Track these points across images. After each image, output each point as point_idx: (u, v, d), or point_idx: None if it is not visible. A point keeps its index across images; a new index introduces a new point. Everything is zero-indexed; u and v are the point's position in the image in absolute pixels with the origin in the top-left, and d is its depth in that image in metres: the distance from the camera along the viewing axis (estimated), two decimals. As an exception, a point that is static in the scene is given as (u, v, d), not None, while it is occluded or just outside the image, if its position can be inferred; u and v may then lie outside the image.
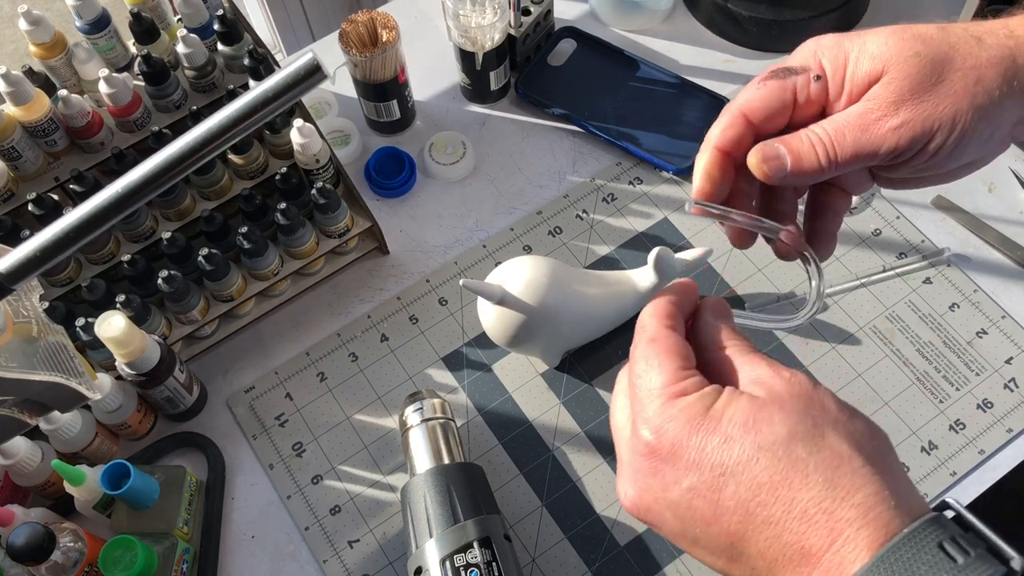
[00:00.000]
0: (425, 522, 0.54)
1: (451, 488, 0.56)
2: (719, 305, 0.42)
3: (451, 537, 0.53)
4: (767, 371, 0.37)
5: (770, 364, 0.37)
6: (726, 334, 0.40)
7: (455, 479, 0.56)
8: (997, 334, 0.67)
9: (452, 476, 0.56)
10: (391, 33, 0.72)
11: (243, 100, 0.30)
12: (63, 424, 0.59)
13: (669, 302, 0.41)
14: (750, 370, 0.38)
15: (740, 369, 0.38)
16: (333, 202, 0.66)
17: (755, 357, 0.38)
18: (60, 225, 0.31)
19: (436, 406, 0.60)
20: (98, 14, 0.68)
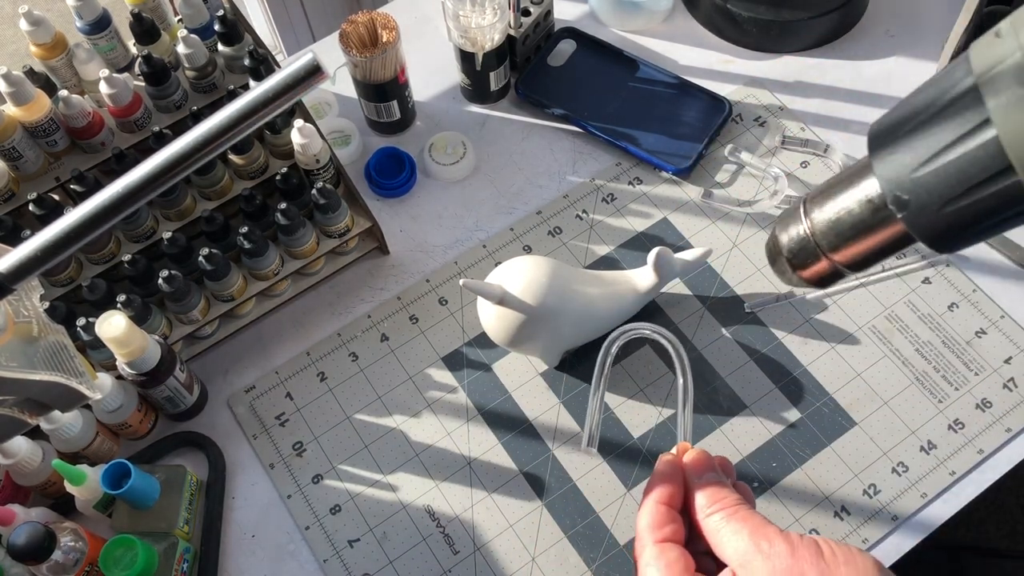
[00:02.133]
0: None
1: None
2: (698, 464, 0.45)
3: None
4: (747, 544, 0.40)
5: (752, 531, 0.40)
6: (709, 495, 0.43)
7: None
8: (996, 334, 0.67)
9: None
10: (391, 33, 0.72)
11: (243, 100, 0.30)
12: (64, 424, 0.59)
13: (658, 506, 0.44)
14: (734, 542, 0.40)
15: (726, 541, 0.41)
16: (333, 202, 0.66)
17: (739, 522, 0.41)
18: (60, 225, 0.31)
19: None
20: (99, 15, 0.68)
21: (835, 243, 0.35)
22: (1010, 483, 0.64)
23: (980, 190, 0.28)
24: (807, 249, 0.37)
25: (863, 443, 0.64)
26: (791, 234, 0.37)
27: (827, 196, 0.35)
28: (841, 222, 0.34)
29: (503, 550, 0.62)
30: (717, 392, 0.66)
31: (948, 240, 0.31)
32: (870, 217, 0.33)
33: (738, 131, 0.78)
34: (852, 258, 0.35)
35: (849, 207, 0.34)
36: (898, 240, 0.33)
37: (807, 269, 0.38)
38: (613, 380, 0.67)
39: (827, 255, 0.36)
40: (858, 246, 0.35)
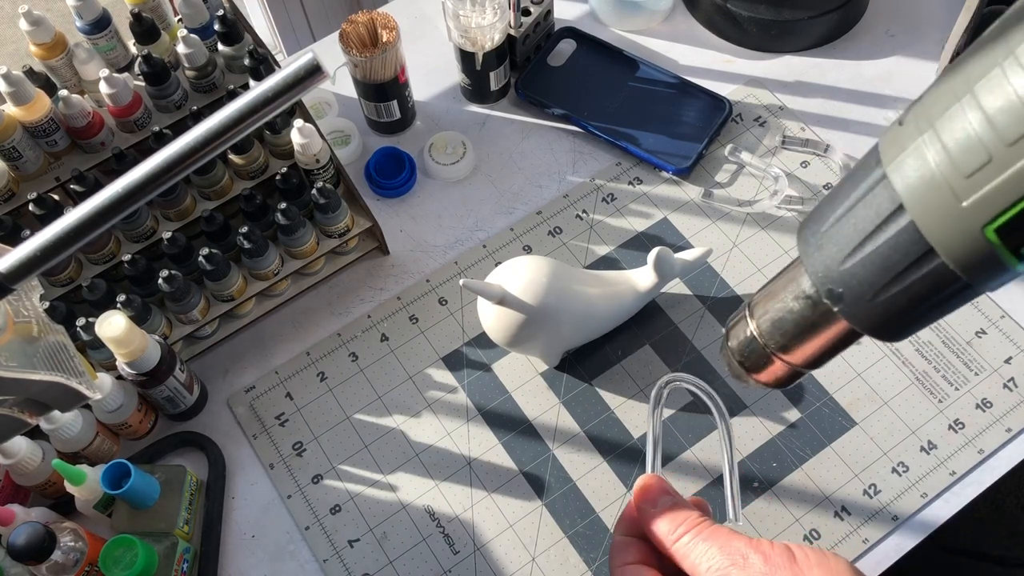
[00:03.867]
0: None
1: None
2: (649, 491, 0.44)
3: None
4: (721, 560, 0.39)
5: (722, 547, 0.40)
6: (669, 520, 0.42)
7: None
8: (996, 334, 0.67)
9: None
10: (391, 33, 0.72)
11: (243, 100, 0.30)
12: (63, 424, 0.59)
13: (618, 538, 0.44)
14: (707, 560, 0.40)
15: (699, 561, 0.40)
16: (333, 202, 0.66)
17: (706, 541, 0.41)
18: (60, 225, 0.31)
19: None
20: (98, 14, 0.68)
21: (783, 343, 0.35)
22: (1010, 483, 0.64)
23: (908, 275, 0.28)
24: (757, 352, 0.37)
25: (863, 443, 0.64)
26: (739, 337, 0.37)
27: (768, 297, 0.35)
28: (784, 321, 0.34)
29: (503, 550, 0.62)
30: (717, 392, 0.66)
31: (891, 329, 0.31)
32: (811, 313, 0.33)
33: (738, 131, 0.78)
34: (804, 358, 0.35)
35: (789, 305, 0.34)
36: (844, 335, 0.33)
37: (762, 372, 0.37)
38: (613, 379, 0.67)
39: (778, 356, 0.36)
40: (806, 344, 0.35)
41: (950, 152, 0.25)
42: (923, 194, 0.27)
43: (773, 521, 0.61)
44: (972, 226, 0.25)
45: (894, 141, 0.28)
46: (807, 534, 0.61)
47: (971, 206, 0.25)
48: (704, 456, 0.64)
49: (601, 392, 0.67)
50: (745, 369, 0.38)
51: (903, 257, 0.28)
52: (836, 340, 0.34)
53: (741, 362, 0.38)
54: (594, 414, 0.66)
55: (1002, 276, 0.27)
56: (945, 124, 0.26)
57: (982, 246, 0.26)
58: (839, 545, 0.60)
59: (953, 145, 0.25)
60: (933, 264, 0.27)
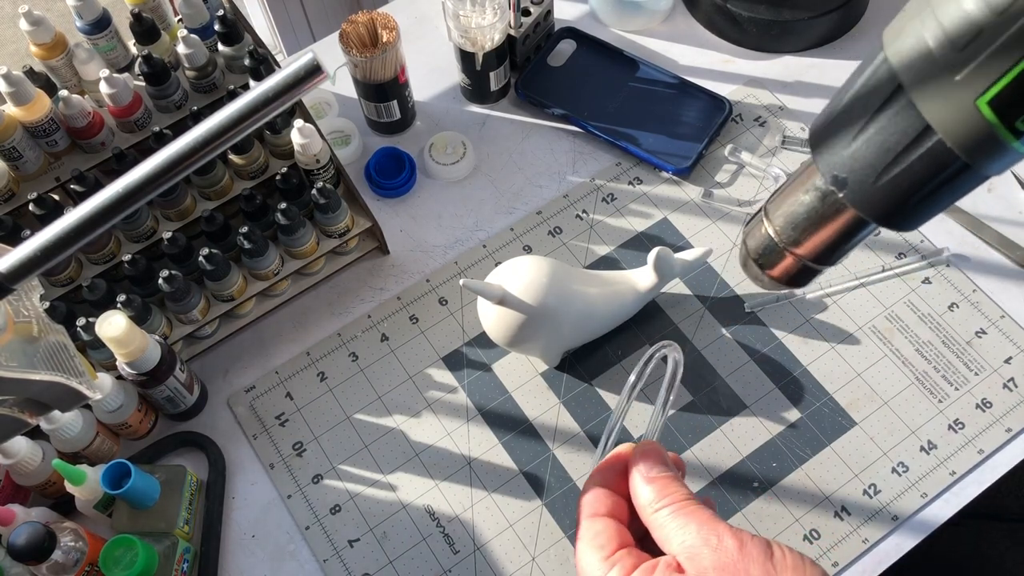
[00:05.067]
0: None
1: None
2: (648, 455, 0.43)
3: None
4: (695, 538, 0.38)
5: (700, 526, 0.39)
6: (658, 490, 0.41)
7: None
8: (996, 334, 0.67)
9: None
10: (391, 33, 0.72)
11: (243, 100, 0.30)
12: (64, 424, 0.59)
13: (595, 488, 0.43)
14: (681, 535, 0.39)
15: (673, 535, 0.39)
16: (333, 202, 0.66)
17: (686, 517, 0.40)
18: (61, 225, 0.31)
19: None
20: (99, 14, 0.68)
21: (795, 237, 0.36)
22: (1010, 483, 0.64)
23: (908, 154, 0.29)
24: (772, 249, 0.38)
25: (863, 443, 0.64)
26: (756, 237, 0.38)
27: (783, 196, 0.37)
28: (796, 215, 0.36)
29: (503, 550, 0.62)
30: (717, 392, 0.66)
31: (896, 214, 0.31)
32: (820, 204, 0.34)
33: (738, 131, 0.78)
34: (814, 250, 0.36)
35: (800, 199, 0.35)
36: (851, 224, 0.34)
37: (775, 268, 0.38)
38: (613, 379, 0.67)
39: (791, 251, 0.37)
40: (816, 236, 0.36)
41: (945, 28, 0.26)
42: (919, 70, 0.27)
43: (773, 521, 0.61)
44: (966, 100, 0.26)
45: (895, 28, 0.28)
46: (807, 534, 0.61)
47: (964, 79, 0.26)
48: (704, 456, 0.64)
49: (601, 392, 0.67)
50: (761, 268, 0.39)
51: (902, 136, 0.29)
52: (845, 229, 0.34)
53: (757, 261, 0.39)
54: (594, 414, 0.66)
55: (1002, 156, 0.27)
56: (941, 4, 0.26)
57: (977, 121, 0.26)
58: (839, 545, 0.60)
59: (948, 21, 0.26)
60: (931, 142, 0.28)
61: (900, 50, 0.28)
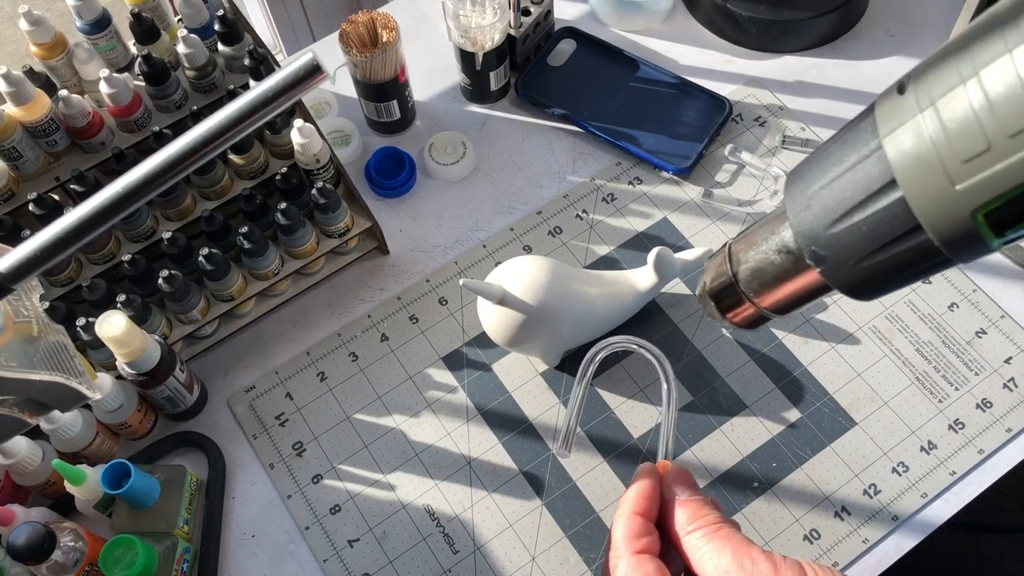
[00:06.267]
0: None
1: None
2: (680, 479, 0.44)
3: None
4: (730, 562, 0.39)
5: (735, 552, 0.39)
6: (691, 513, 0.42)
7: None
8: (996, 334, 0.67)
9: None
10: (391, 33, 0.72)
11: (243, 100, 0.30)
12: (63, 424, 0.59)
13: (635, 516, 0.43)
14: (716, 558, 0.40)
15: (707, 558, 0.40)
16: (333, 202, 0.66)
17: (721, 540, 0.40)
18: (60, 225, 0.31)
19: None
20: (98, 14, 0.68)
21: (758, 290, 0.37)
22: (1010, 483, 0.64)
23: (893, 247, 0.29)
24: (733, 294, 0.38)
25: (863, 443, 0.64)
26: (717, 278, 0.39)
27: (750, 244, 0.36)
28: (764, 272, 0.36)
29: (503, 550, 0.62)
30: (717, 392, 0.66)
31: (866, 291, 0.31)
32: (791, 267, 0.34)
33: (738, 131, 0.78)
34: (775, 304, 0.37)
35: (771, 259, 0.35)
36: (819, 288, 0.34)
37: (734, 313, 0.39)
38: (613, 380, 0.67)
39: (752, 301, 0.37)
40: (780, 293, 0.36)
41: (949, 134, 0.25)
42: (917, 172, 0.27)
43: (773, 521, 0.61)
44: (963, 209, 0.26)
45: (893, 112, 0.28)
46: (807, 534, 0.61)
47: (964, 190, 0.25)
48: (704, 456, 0.64)
49: (601, 392, 0.67)
50: (719, 310, 0.39)
51: (890, 230, 0.28)
52: (809, 292, 0.35)
53: (716, 303, 0.39)
54: (594, 414, 0.66)
55: (981, 252, 0.27)
56: (947, 104, 0.26)
57: (969, 227, 0.26)
58: (839, 545, 0.60)
59: (953, 128, 0.25)
60: (919, 240, 0.28)
61: (899, 146, 0.27)
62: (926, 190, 0.26)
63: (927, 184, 0.26)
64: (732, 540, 0.40)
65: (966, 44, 0.26)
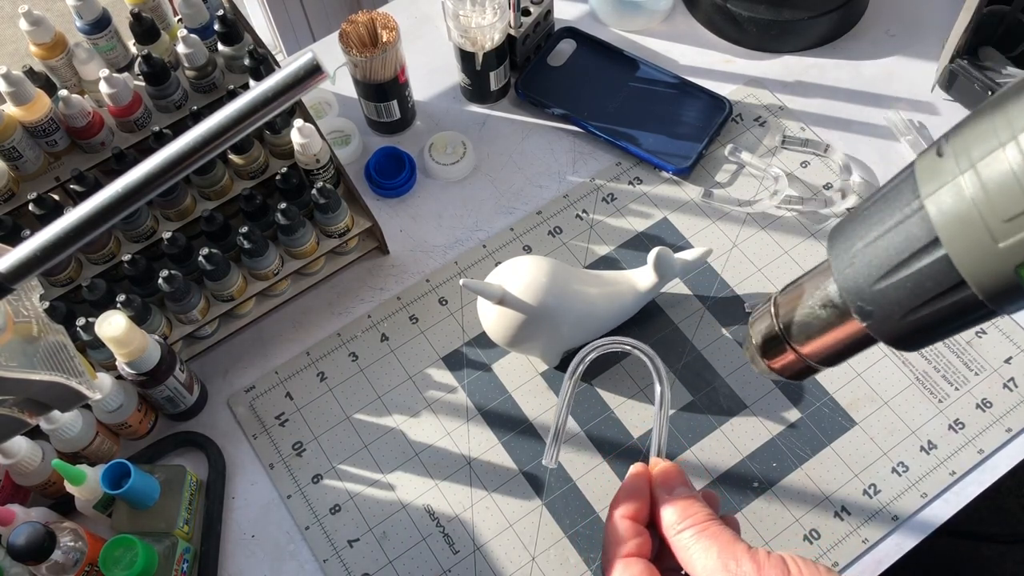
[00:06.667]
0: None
1: None
2: (669, 477, 0.45)
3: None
4: (715, 562, 0.40)
5: (720, 552, 0.40)
6: (680, 511, 0.43)
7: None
8: (996, 334, 0.67)
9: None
10: (391, 33, 0.72)
11: (243, 100, 0.30)
12: (63, 424, 0.59)
13: (623, 520, 0.44)
14: (703, 559, 0.41)
15: (696, 558, 0.41)
16: (333, 202, 0.66)
17: (708, 540, 0.41)
18: (60, 225, 0.31)
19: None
20: (98, 14, 0.68)
21: (805, 344, 0.38)
22: (1010, 483, 0.64)
23: (938, 302, 0.30)
24: (780, 348, 0.39)
25: (863, 443, 0.64)
26: (764, 333, 0.40)
27: (796, 298, 0.38)
28: (810, 326, 0.37)
29: (503, 550, 0.62)
30: (717, 392, 0.66)
31: (912, 343, 0.33)
32: (837, 321, 0.35)
33: (738, 131, 0.78)
34: (823, 356, 0.38)
35: (816, 312, 0.36)
36: (865, 341, 0.35)
37: (782, 367, 0.40)
38: (613, 380, 0.67)
39: (800, 353, 0.38)
40: (828, 346, 0.37)
41: (990, 194, 0.26)
42: (960, 231, 0.28)
43: (773, 521, 0.61)
44: (1007, 266, 0.27)
45: (933, 174, 0.29)
46: (807, 534, 0.61)
47: (1007, 248, 0.26)
48: (704, 456, 0.64)
49: (601, 392, 0.67)
50: (766, 362, 0.40)
51: (935, 286, 0.29)
52: (857, 346, 0.36)
53: (763, 355, 0.40)
54: (594, 414, 0.66)
55: (1022, 303, 0.28)
56: (987, 166, 0.27)
57: (1012, 280, 0.27)
58: (839, 545, 0.60)
59: (994, 188, 0.26)
60: (963, 294, 0.29)
61: (940, 206, 0.28)
62: (969, 248, 0.27)
63: (970, 242, 0.27)
64: (719, 539, 0.41)
65: (1003, 107, 0.27)
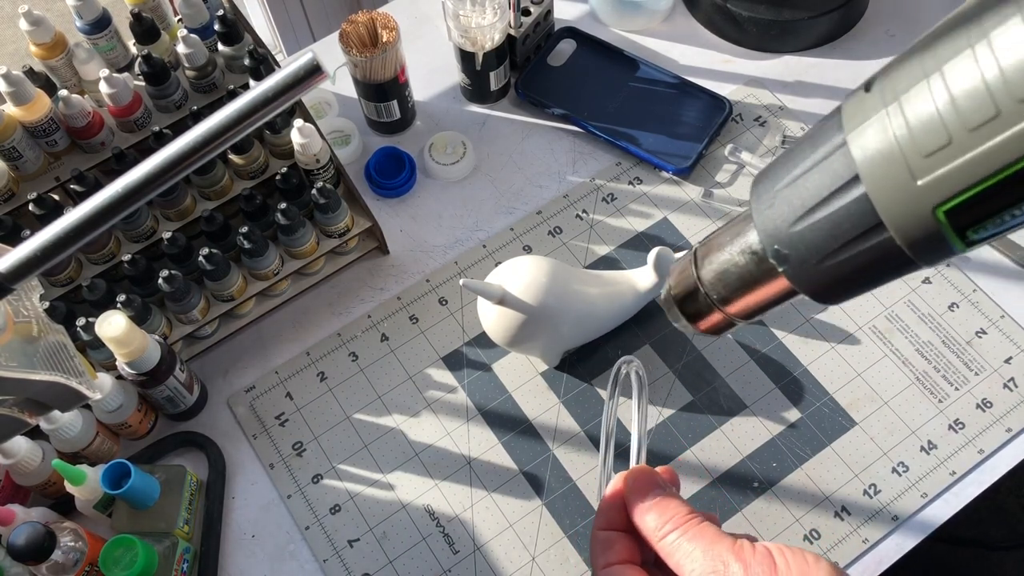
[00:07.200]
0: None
1: None
2: (641, 482, 0.43)
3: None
4: (702, 564, 0.39)
5: (704, 551, 0.39)
6: (658, 515, 0.41)
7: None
8: (996, 334, 0.67)
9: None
10: (391, 33, 0.72)
11: (243, 100, 0.30)
12: (63, 424, 0.59)
13: (598, 533, 0.43)
14: (690, 562, 0.39)
15: (684, 561, 0.40)
16: (333, 202, 0.66)
17: (691, 541, 0.40)
18: (60, 225, 0.31)
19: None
20: (98, 14, 0.68)
21: (724, 295, 0.36)
22: (1010, 483, 0.64)
23: (855, 245, 0.28)
24: (699, 301, 0.37)
25: (863, 443, 0.64)
26: (684, 285, 0.38)
27: (714, 248, 0.36)
28: (728, 274, 0.35)
29: (503, 550, 0.62)
30: (717, 392, 0.66)
31: (830, 294, 0.31)
32: (755, 269, 0.34)
33: (738, 131, 0.78)
34: (742, 309, 0.36)
35: (735, 260, 0.34)
36: (784, 293, 0.34)
37: (701, 320, 0.38)
38: (613, 380, 0.67)
39: (718, 307, 0.37)
40: (747, 298, 0.35)
41: (912, 129, 0.25)
42: (880, 167, 0.27)
43: (773, 521, 0.61)
44: (924, 206, 0.26)
45: (858, 108, 0.28)
46: (807, 534, 0.61)
47: (925, 185, 0.25)
48: (704, 456, 0.64)
49: (601, 392, 0.67)
50: (687, 316, 0.39)
51: (852, 227, 0.28)
52: (775, 297, 0.34)
53: (682, 309, 0.38)
54: (594, 414, 0.66)
55: (944, 255, 0.27)
56: (911, 99, 0.25)
57: (931, 225, 0.26)
58: (839, 545, 0.60)
59: (916, 122, 0.25)
60: (881, 237, 0.27)
61: (863, 142, 0.27)
62: (888, 186, 0.26)
63: (890, 180, 0.26)
64: (702, 538, 0.40)
65: (931, 42, 0.26)
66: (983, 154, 0.24)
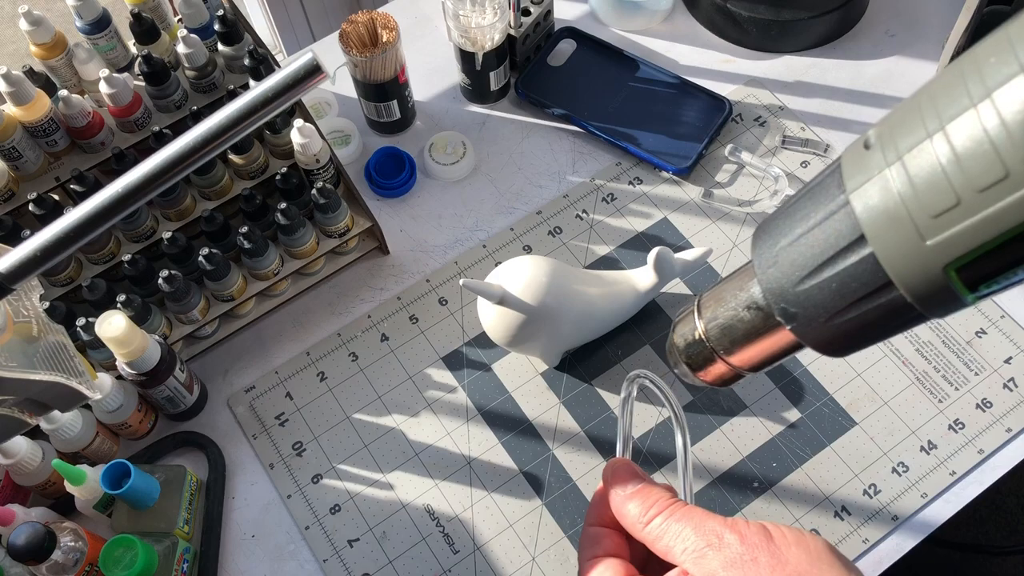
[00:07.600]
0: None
1: None
2: (620, 474, 0.42)
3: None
4: (695, 541, 0.38)
5: (696, 528, 0.38)
6: (640, 503, 0.41)
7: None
8: (996, 334, 0.67)
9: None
10: (391, 33, 0.72)
11: (243, 100, 0.30)
12: (63, 424, 0.59)
13: (587, 528, 0.43)
14: (681, 542, 0.38)
15: (673, 543, 0.39)
16: (333, 202, 0.66)
17: (680, 522, 0.39)
18: (60, 225, 0.31)
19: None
20: (98, 14, 0.68)
21: (730, 348, 0.36)
22: (1010, 483, 0.64)
23: (864, 303, 0.28)
24: (704, 353, 0.37)
25: (863, 443, 0.64)
26: (687, 338, 0.38)
27: (718, 300, 0.36)
28: (734, 329, 0.35)
29: (503, 550, 0.62)
30: (717, 392, 0.66)
31: (839, 348, 0.31)
32: (761, 324, 0.33)
33: (738, 131, 0.78)
34: (749, 362, 0.36)
35: (740, 315, 0.34)
36: (791, 347, 0.33)
37: (706, 371, 0.38)
38: (613, 379, 0.67)
39: (724, 359, 0.36)
40: (752, 350, 0.35)
41: (917, 189, 0.25)
42: (887, 228, 0.26)
43: (773, 522, 0.61)
44: (934, 265, 0.25)
45: (859, 167, 0.27)
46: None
47: (936, 245, 0.25)
48: (704, 456, 0.64)
49: (601, 392, 0.67)
50: (690, 368, 0.38)
51: (861, 286, 0.28)
52: (782, 351, 0.34)
53: (687, 361, 0.38)
54: (594, 414, 0.66)
55: (955, 308, 0.27)
56: (914, 159, 0.25)
57: (941, 282, 0.25)
58: (839, 545, 0.60)
59: (921, 183, 0.25)
60: (891, 296, 0.27)
61: (866, 202, 0.26)
62: (897, 246, 0.26)
63: (898, 240, 0.26)
64: (691, 518, 0.39)
65: (931, 97, 0.25)
66: (994, 215, 0.23)
